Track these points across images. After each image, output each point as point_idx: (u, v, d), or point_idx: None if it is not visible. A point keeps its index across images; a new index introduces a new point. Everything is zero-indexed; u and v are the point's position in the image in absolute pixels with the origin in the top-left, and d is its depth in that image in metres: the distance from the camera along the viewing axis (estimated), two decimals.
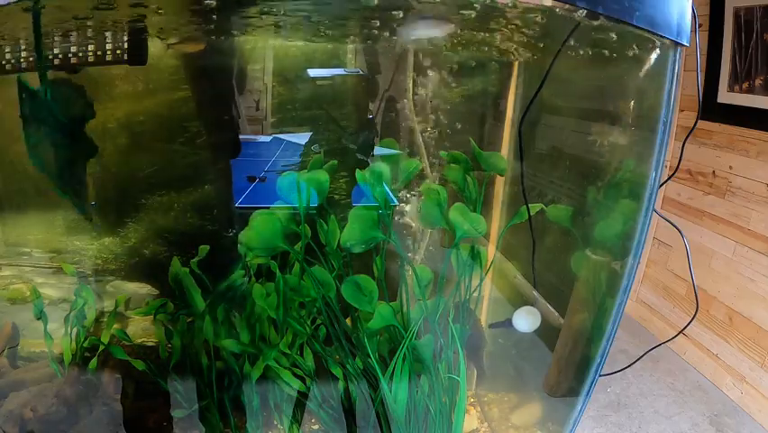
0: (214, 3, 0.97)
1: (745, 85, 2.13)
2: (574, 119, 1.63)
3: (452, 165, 1.50)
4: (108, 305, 1.55)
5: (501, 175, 1.62)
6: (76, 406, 1.51)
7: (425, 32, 1.14)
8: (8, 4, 0.89)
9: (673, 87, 1.02)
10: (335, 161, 1.38)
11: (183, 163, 1.67)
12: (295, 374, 1.44)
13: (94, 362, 1.52)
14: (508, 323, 1.56)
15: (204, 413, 1.50)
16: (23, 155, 1.59)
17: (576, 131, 1.62)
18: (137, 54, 1.31)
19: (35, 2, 0.94)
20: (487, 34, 1.37)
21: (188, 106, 1.64)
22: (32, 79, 1.40)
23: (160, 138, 1.64)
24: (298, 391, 1.47)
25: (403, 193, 1.62)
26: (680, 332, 1.62)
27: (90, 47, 1.27)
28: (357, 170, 1.25)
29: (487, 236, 1.56)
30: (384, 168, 1.27)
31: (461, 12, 1.12)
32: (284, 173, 1.29)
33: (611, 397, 2.19)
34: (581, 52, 1.27)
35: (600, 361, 1.25)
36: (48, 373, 1.55)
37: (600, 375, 1.27)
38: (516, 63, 1.68)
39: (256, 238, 1.27)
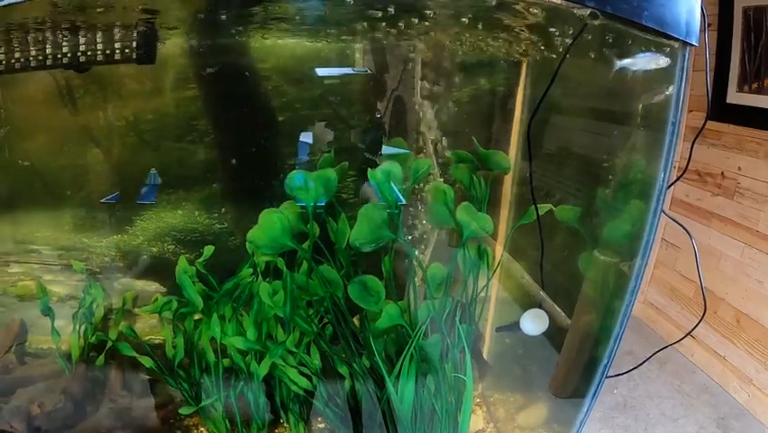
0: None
1: (755, 85, 2.12)
2: (583, 119, 1.62)
3: (458, 165, 1.50)
4: (116, 302, 1.56)
5: (505, 173, 1.62)
6: (83, 402, 1.52)
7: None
8: (8, 4, 0.89)
9: (682, 88, 1.01)
10: (346, 163, 1.38)
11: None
12: (301, 373, 1.44)
13: (101, 358, 1.52)
14: (516, 326, 1.54)
15: (210, 411, 1.50)
16: (31, 153, 1.60)
17: (584, 131, 1.62)
18: (145, 53, 1.32)
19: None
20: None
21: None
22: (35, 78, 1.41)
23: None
24: (305, 390, 1.47)
25: None
26: (687, 334, 1.61)
27: (99, 45, 1.27)
28: (369, 169, 1.25)
29: (494, 236, 1.56)
30: (396, 167, 1.26)
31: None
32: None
33: (617, 398, 2.18)
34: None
35: (607, 362, 1.25)
36: (55, 370, 1.56)
37: (607, 377, 1.26)
38: (525, 62, 1.67)
39: (264, 236, 1.27)
